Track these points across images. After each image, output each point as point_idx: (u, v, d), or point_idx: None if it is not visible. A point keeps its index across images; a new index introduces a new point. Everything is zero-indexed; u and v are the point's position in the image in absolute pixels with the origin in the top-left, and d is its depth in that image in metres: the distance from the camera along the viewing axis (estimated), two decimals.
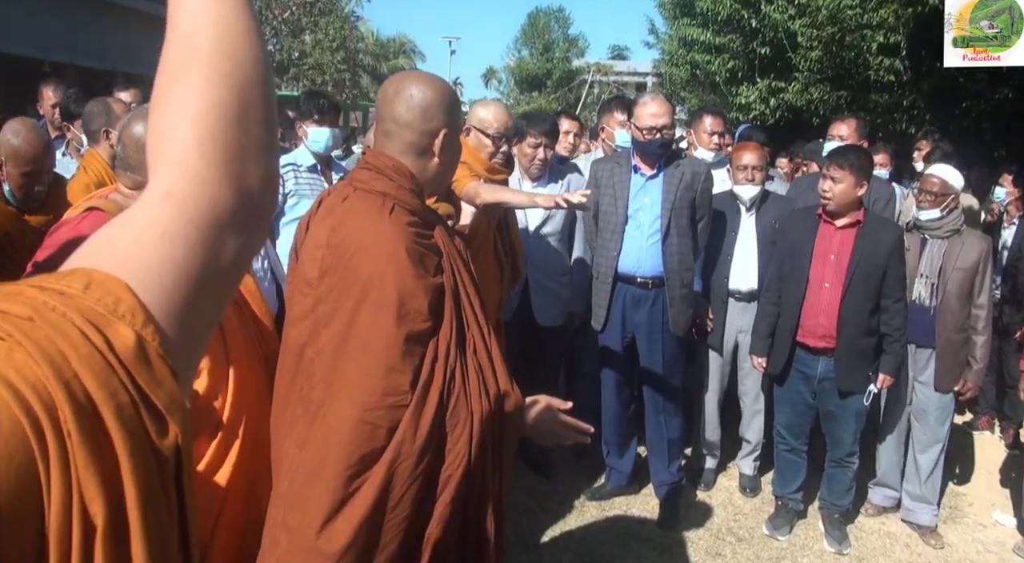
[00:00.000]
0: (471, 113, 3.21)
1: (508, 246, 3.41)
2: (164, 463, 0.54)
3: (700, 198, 3.71)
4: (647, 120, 3.58)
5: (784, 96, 11.00)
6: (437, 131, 1.73)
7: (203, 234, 0.63)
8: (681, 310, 3.71)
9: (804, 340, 3.60)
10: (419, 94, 1.71)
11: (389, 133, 1.74)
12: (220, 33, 0.68)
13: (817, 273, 3.53)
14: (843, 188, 3.44)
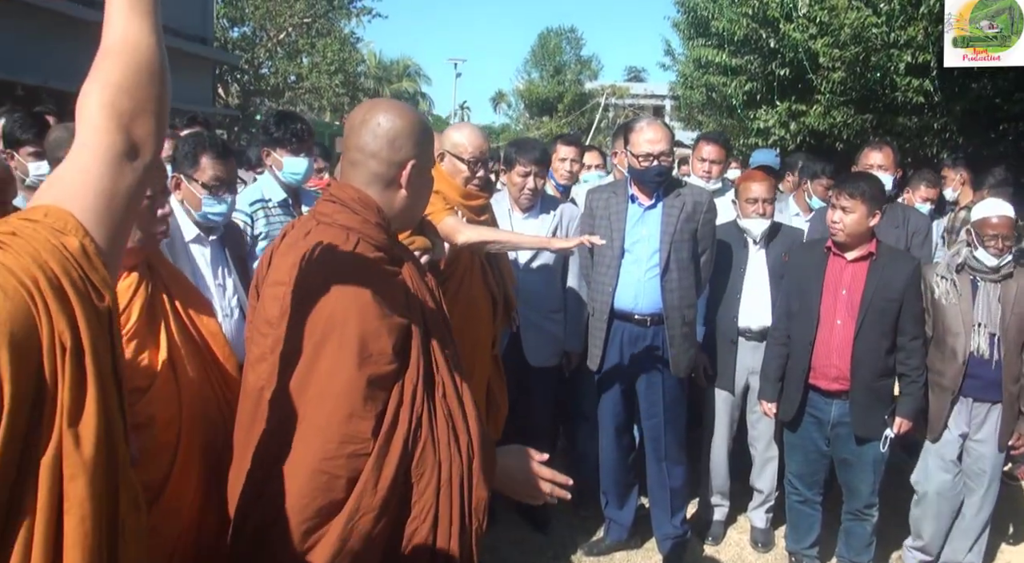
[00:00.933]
0: (444, 138, 3.25)
1: (500, 277, 3.44)
2: (103, 317, 1.01)
3: (702, 230, 3.73)
4: (643, 146, 3.61)
5: (805, 120, 11.06)
6: (405, 162, 1.75)
7: (108, 167, 1.09)
8: (682, 350, 3.70)
9: (816, 382, 3.58)
10: (387, 123, 1.74)
11: (355, 163, 1.76)
12: (123, 39, 1.16)
13: (828, 310, 3.52)
14: (855, 219, 3.45)
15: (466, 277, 3.24)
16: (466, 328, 3.13)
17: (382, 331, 1.61)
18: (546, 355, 4.03)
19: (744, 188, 3.99)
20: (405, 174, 1.76)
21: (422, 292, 1.82)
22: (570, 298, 4.15)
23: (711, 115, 15.15)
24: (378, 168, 1.75)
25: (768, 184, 3.96)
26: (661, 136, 3.62)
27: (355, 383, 1.58)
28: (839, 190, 3.48)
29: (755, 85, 11.98)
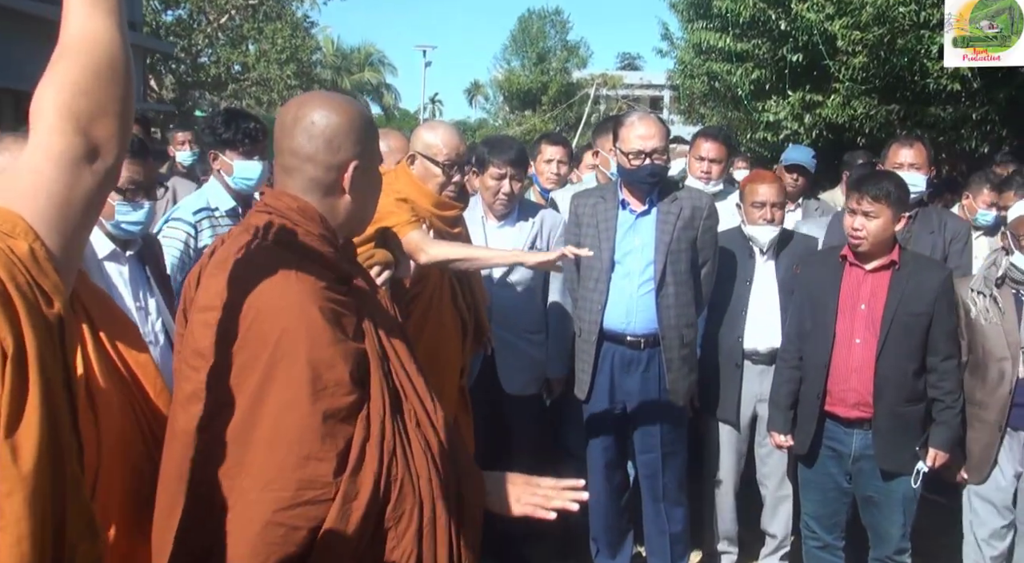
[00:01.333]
0: (415, 138, 3.27)
1: (470, 297, 3.44)
2: (51, 326, 1.07)
3: (702, 238, 3.75)
4: (634, 143, 3.63)
5: (821, 112, 11.16)
6: (346, 164, 1.75)
7: (63, 170, 1.16)
8: (681, 375, 3.71)
9: (834, 410, 3.60)
10: (322, 121, 1.74)
11: (289, 169, 1.77)
12: (81, 36, 1.23)
13: (845, 327, 3.54)
14: (879, 225, 3.47)
15: (435, 298, 3.25)
16: (433, 357, 3.13)
17: (336, 358, 1.61)
18: (524, 382, 4.04)
19: (749, 190, 4.01)
20: (347, 177, 1.76)
21: (377, 313, 1.82)
22: (552, 317, 4.16)
23: (714, 107, 15.28)
24: (316, 173, 1.75)
25: (777, 186, 3.98)
26: (654, 131, 3.64)
27: (310, 420, 1.57)
28: (859, 193, 3.49)
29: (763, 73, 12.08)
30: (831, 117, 10.98)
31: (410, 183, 3.19)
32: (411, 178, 3.20)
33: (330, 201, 1.78)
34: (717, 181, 4.65)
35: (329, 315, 1.64)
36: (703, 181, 4.59)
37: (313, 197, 1.76)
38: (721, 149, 4.68)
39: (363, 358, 1.68)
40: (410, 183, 3.19)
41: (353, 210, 1.81)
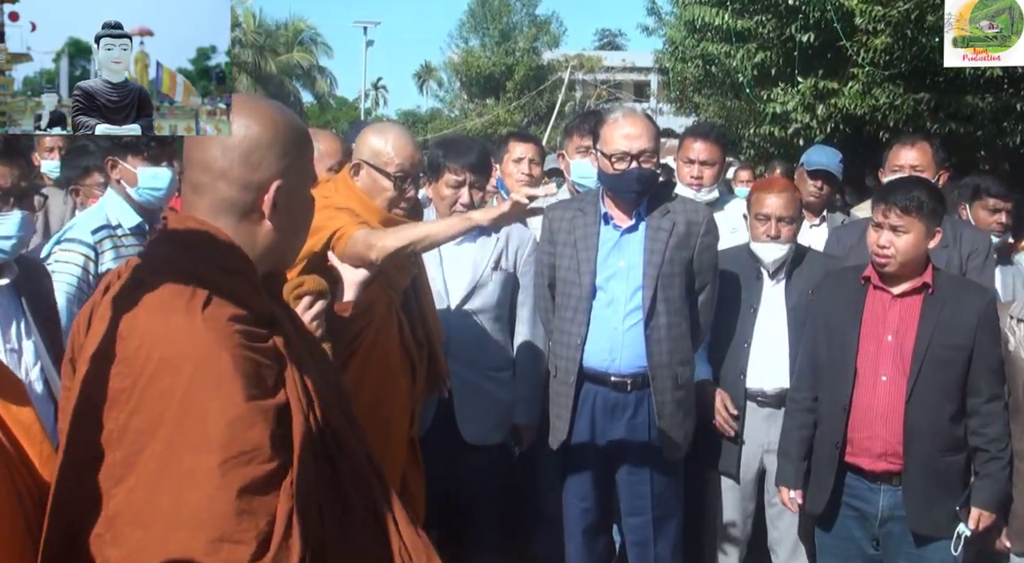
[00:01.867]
0: (361, 144, 3.25)
1: (422, 330, 3.44)
2: None
3: (699, 259, 3.75)
4: (618, 143, 3.64)
5: (837, 101, 11.32)
6: (267, 183, 1.75)
7: None
8: (675, 421, 3.71)
9: (856, 462, 3.60)
10: (240, 129, 1.73)
11: (199, 186, 1.75)
12: None
13: (869, 363, 3.56)
14: (910, 242, 3.49)
15: (380, 334, 3.23)
16: (378, 404, 3.12)
17: (254, 417, 1.59)
18: (487, 429, 4.02)
19: (755, 200, 4.03)
20: (268, 199, 1.75)
21: (305, 356, 1.80)
22: (521, 352, 4.15)
23: (710, 95, 15.48)
24: (230, 192, 1.74)
25: (788, 197, 4.00)
26: (642, 130, 3.65)
27: (222, 495, 1.54)
28: (887, 203, 3.50)
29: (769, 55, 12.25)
30: (848, 108, 11.12)
31: (352, 196, 3.16)
32: (354, 191, 3.17)
33: (247, 227, 1.76)
34: (711, 188, 4.66)
35: (244, 365, 1.61)
36: (693, 188, 4.60)
37: (226, 221, 1.75)
38: (714, 150, 4.69)
39: (285, 414, 1.66)
40: (352, 196, 3.16)
41: (275, 239, 1.80)
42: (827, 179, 5.17)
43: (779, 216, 3.96)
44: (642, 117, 3.74)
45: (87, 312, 1.77)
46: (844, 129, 11.66)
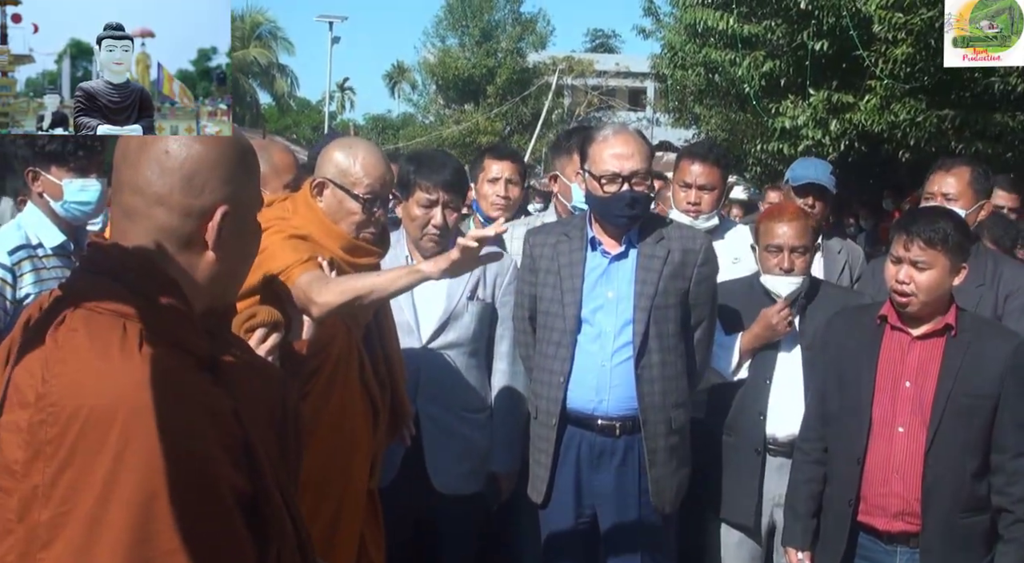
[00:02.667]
0: (326, 160, 3.25)
1: (384, 369, 3.43)
2: None
3: (696, 290, 3.77)
4: (608, 163, 3.66)
5: (852, 116, 11.37)
6: (211, 209, 1.73)
7: None
8: (668, 470, 3.70)
9: (870, 521, 3.60)
10: (180, 150, 1.73)
11: (132, 211, 1.74)
12: None
13: (885, 411, 3.56)
14: (932, 278, 3.49)
15: (339, 372, 3.22)
16: (334, 451, 3.11)
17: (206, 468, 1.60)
18: (461, 477, 4.01)
19: (765, 230, 4.04)
20: (212, 226, 1.73)
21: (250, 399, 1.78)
22: (500, 392, 4.16)
23: (713, 106, 15.52)
24: (169, 220, 1.72)
25: (800, 225, 3.99)
26: (634, 149, 3.67)
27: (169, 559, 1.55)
28: (908, 235, 3.49)
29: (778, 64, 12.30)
30: (865, 124, 11.16)
31: (313, 219, 3.15)
32: (315, 212, 3.17)
33: (186, 259, 1.74)
34: (710, 215, 4.66)
35: (189, 412, 1.61)
36: (691, 215, 4.59)
37: (162, 253, 1.73)
38: (714, 173, 4.66)
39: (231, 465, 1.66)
40: (313, 219, 3.15)
41: (218, 271, 1.77)
42: (819, 195, 4.90)
43: (792, 246, 3.97)
44: (634, 135, 3.75)
45: (5, 349, 1.74)
46: (860, 147, 11.70)
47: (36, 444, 1.57)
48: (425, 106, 44.59)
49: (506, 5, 41.21)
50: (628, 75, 41.48)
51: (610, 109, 41.07)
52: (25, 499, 1.57)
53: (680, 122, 20.47)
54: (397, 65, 52.09)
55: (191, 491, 1.57)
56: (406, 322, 3.86)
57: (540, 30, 41.73)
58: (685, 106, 18.35)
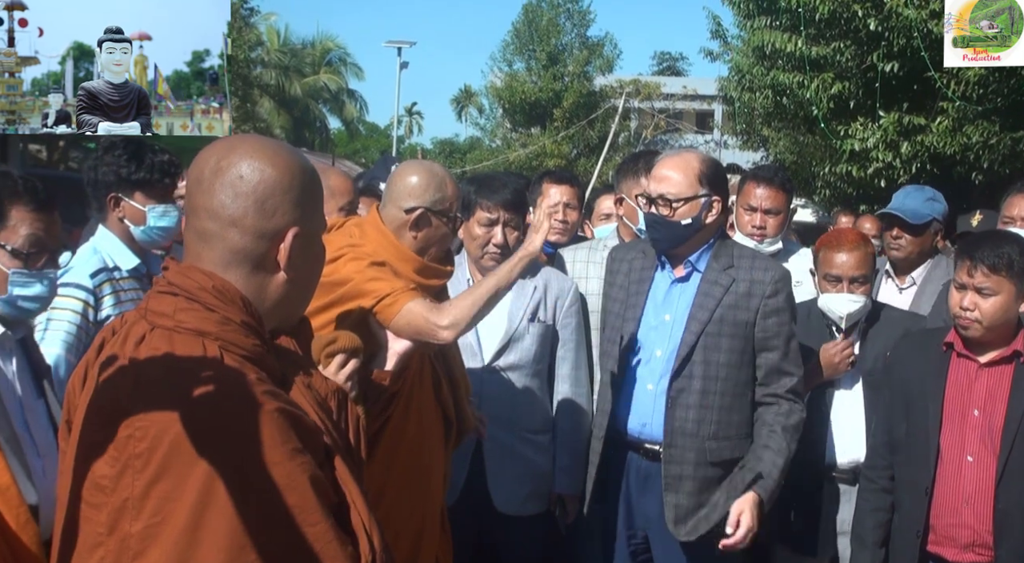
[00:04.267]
0: (395, 185, 3.28)
1: (449, 383, 3.45)
2: None
3: (764, 323, 3.62)
4: (645, 184, 3.74)
5: (924, 139, 11.29)
6: (283, 231, 1.78)
7: None
8: (694, 502, 3.60)
9: (940, 552, 3.54)
10: (253, 174, 1.76)
11: (206, 235, 1.78)
12: None
13: (953, 440, 3.51)
14: (998, 304, 3.45)
15: (415, 393, 3.26)
16: (416, 471, 3.16)
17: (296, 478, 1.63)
18: (522, 498, 4.02)
19: (823, 259, 4.01)
20: (284, 249, 1.78)
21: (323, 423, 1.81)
22: (562, 412, 4.15)
23: (781, 129, 15.45)
24: (242, 242, 1.77)
25: (860, 254, 3.94)
26: (669, 171, 3.64)
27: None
28: (971, 261, 3.46)
29: (847, 86, 12.24)
30: (936, 146, 11.07)
31: (386, 244, 3.19)
32: (387, 237, 3.20)
33: (258, 279, 1.80)
34: (774, 239, 4.60)
35: (278, 421, 1.64)
36: (755, 239, 4.55)
37: (236, 273, 1.78)
38: (779, 196, 4.62)
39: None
40: (386, 244, 3.19)
41: (287, 293, 1.83)
42: (906, 228, 4.80)
43: (851, 277, 3.93)
44: (682, 158, 3.68)
45: (81, 371, 1.80)
46: (931, 169, 11.59)
47: (124, 459, 1.61)
48: (492, 130, 44.78)
49: (573, 29, 41.31)
50: (695, 98, 41.36)
51: (677, 132, 40.95)
52: (114, 512, 1.61)
53: (748, 145, 20.42)
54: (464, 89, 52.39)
55: (285, 499, 1.60)
56: (468, 343, 3.88)
57: (607, 54, 41.67)
58: (753, 128, 18.31)
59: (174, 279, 1.78)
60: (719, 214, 3.65)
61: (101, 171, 3.67)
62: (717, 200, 3.61)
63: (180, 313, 1.72)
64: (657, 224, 3.64)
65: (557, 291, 4.08)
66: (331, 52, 49.52)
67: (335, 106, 49.95)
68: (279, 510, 1.60)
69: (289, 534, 1.60)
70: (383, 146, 52.49)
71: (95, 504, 1.64)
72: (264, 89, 37.85)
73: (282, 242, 1.78)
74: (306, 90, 45.60)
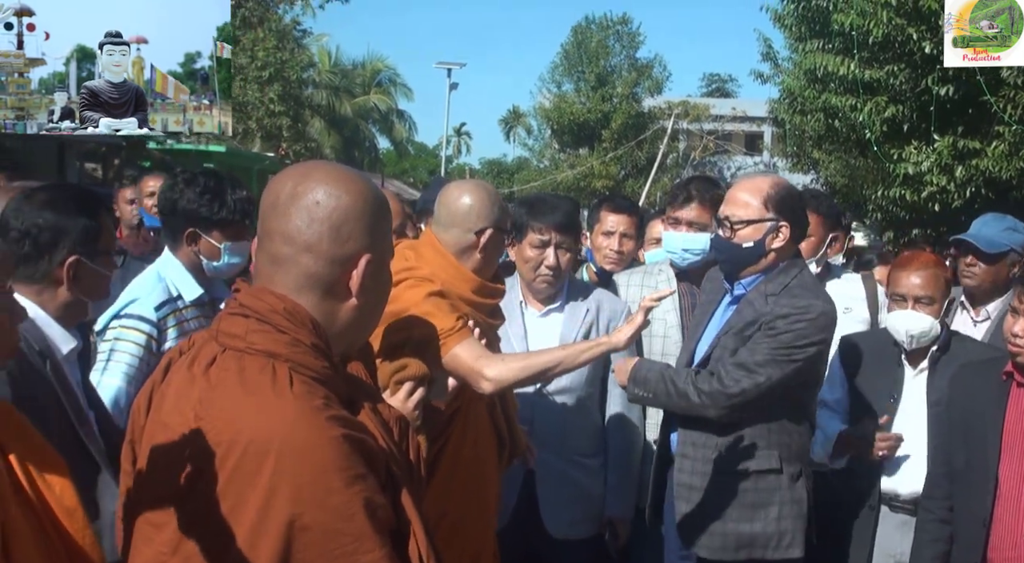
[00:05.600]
0: (446, 203, 3.29)
1: (502, 404, 3.46)
2: None
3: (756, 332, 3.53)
4: (722, 205, 3.72)
5: (979, 162, 11.20)
6: (355, 257, 1.79)
7: None
8: (705, 512, 3.57)
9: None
10: (329, 200, 1.78)
11: (280, 259, 1.80)
12: None
13: (1012, 471, 3.45)
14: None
15: (471, 412, 3.27)
16: (474, 491, 3.17)
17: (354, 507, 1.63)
18: (573, 522, 4.00)
19: (892, 279, 3.97)
20: (356, 275, 1.80)
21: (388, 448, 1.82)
22: (614, 434, 4.15)
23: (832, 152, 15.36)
24: (316, 266, 1.78)
25: (929, 274, 3.88)
26: (734, 194, 3.66)
27: None
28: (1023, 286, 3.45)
29: (901, 110, 12.17)
30: (992, 170, 10.99)
31: (445, 265, 3.19)
32: (446, 258, 3.20)
33: (329, 304, 1.81)
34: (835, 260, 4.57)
35: (343, 447, 1.65)
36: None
37: (308, 297, 1.79)
38: (815, 221, 4.52)
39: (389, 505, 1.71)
40: (445, 265, 3.19)
41: (356, 318, 1.85)
42: (980, 256, 4.55)
43: (916, 296, 3.87)
44: (753, 182, 3.68)
45: (147, 392, 1.83)
46: (987, 194, 11.50)
47: (190, 479, 1.64)
48: (540, 150, 44.93)
49: (622, 51, 41.40)
50: (744, 119, 41.26)
51: (726, 153, 40.89)
52: (173, 537, 1.64)
53: (798, 167, 20.33)
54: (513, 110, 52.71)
55: (342, 522, 1.61)
56: None
57: (656, 75, 41.64)
58: (803, 151, 18.23)
59: (246, 301, 1.80)
60: (788, 240, 3.58)
61: (181, 204, 3.64)
62: (785, 226, 3.55)
63: (251, 335, 1.74)
64: (720, 246, 3.65)
65: (609, 313, 4.08)
66: (381, 73, 49.98)
67: (384, 126, 50.37)
68: (334, 538, 1.60)
69: (347, 558, 1.61)
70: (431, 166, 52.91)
71: (157, 524, 1.67)
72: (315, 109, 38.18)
73: (354, 268, 1.79)
74: (356, 110, 46.03)
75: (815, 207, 4.61)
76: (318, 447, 1.62)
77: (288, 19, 24.01)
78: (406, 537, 1.73)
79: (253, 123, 22.81)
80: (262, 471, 1.60)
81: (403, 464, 1.84)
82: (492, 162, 56.87)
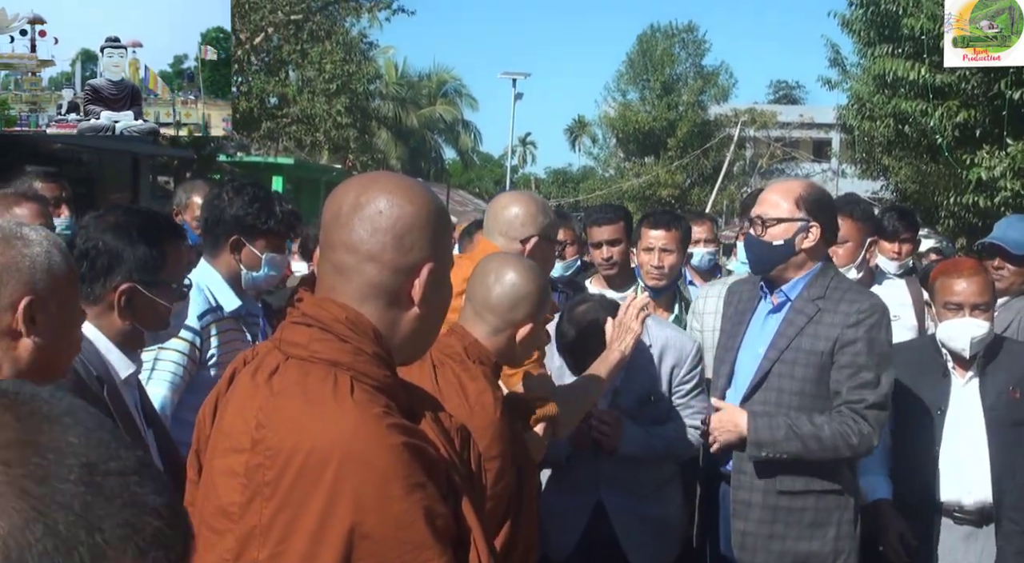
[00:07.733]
0: (494, 212, 3.33)
1: None
2: None
3: (840, 353, 3.50)
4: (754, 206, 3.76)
5: None
6: (418, 266, 1.79)
7: None
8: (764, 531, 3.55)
9: None
10: (392, 210, 1.78)
11: (343, 268, 1.81)
12: None
13: None
14: None
15: None
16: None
17: (414, 515, 1.63)
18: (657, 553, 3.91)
19: (941, 287, 3.90)
20: (419, 284, 1.80)
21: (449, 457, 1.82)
22: None
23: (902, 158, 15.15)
24: (379, 276, 1.79)
25: (980, 280, 3.84)
26: (769, 194, 3.69)
27: None
28: None
29: (973, 114, 11.99)
30: None
31: None
32: None
33: (392, 314, 1.81)
34: (846, 269, 4.42)
35: (403, 455, 1.65)
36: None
37: (371, 307, 1.79)
38: (853, 227, 4.53)
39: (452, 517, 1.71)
40: None
41: (418, 328, 1.84)
42: (1008, 258, 4.59)
43: (973, 304, 3.80)
44: (786, 182, 3.74)
45: (212, 402, 1.86)
46: None
47: (254, 486, 1.65)
48: (605, 159, 44.84)
49: (688, 59, 41.12)
50: (812, 126, 40.85)
51: (793, 160, 40.50)
52: (242, 539, 1.66)
53: (867, 173, 20.11)
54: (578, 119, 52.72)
55: (402, 530, 1.61)
56: None
57: (722, 82, 41.42)
58: (872, 157, 18.02)
59: (308, 310, 1.80)
60: (818, 240, 3.55)
61: (229, 213, 3.65)
62: (815, 226, 3.53)
63: (314, 343, 1.75)
64: (751, 244, 3.68)
65: (675, 358, 3.92)
66: (447, 84, 50.28)
67: (450, 136, 50.68)
68: (393, 546, 1.61)
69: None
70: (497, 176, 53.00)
71: (220, 531, 1.68)
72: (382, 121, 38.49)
73: (417, 277, 1.79)
74: (422, 121, 46.35)
75: (850, 212, 4.58)
76: (378, 455, 1.62)
77: (355, 32, 24.15)
78: (467, 546, 1.72)
79: (321, 135, 22.97)
80: (323, 479, 1.61)
81: (464, 473, 1.84)
82: (557, 171, 56.82)
